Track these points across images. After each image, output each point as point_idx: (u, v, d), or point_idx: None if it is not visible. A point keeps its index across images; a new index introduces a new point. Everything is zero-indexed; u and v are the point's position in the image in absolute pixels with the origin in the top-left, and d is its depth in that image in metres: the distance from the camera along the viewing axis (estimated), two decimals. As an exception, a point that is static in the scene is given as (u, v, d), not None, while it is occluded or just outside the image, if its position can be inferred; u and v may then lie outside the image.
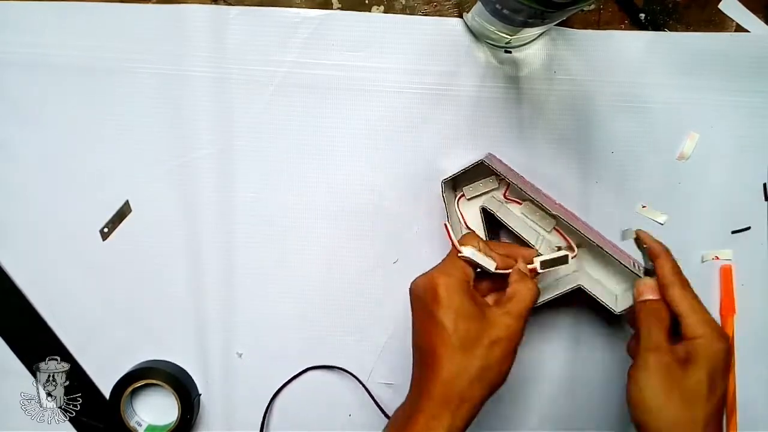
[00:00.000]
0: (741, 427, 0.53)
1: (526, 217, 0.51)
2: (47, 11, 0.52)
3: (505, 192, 0.51)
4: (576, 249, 0.48)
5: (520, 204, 0.51)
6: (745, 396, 0.53)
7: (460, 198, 0.51)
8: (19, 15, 0.52)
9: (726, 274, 0.53)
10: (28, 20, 0.52)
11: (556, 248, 0.49)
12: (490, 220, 0.50)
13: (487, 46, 0.52)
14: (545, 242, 0.50)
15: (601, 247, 0.47)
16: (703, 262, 0.53)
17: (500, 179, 0.50)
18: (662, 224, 0.53)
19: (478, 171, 0.50)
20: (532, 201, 0.49)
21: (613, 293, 0.50)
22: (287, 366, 0.54)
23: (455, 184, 0.51)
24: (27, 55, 0.52)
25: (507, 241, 0.53)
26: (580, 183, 0.53)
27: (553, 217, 0.50)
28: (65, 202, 0.53)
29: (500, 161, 0.51)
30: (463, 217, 0.51)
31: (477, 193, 0.51)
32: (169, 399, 0.53)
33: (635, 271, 0.47)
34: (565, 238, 0.50)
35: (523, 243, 0.49)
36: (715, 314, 0.53)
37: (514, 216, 0.50)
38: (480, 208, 0.49)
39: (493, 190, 0.51)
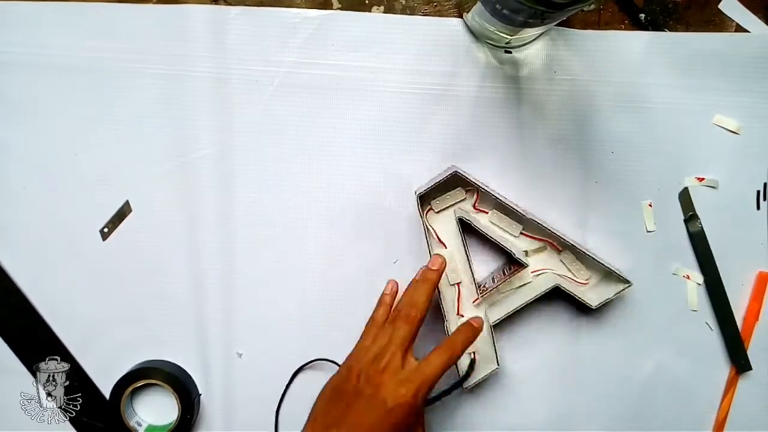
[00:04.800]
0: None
1: (495, 225, 0.52)
2: (47, 11, 0.52)
3: (475, 202, 0.52)
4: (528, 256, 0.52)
5: (487, 213, 0.52)
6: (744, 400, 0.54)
7: (428, 211, 0.52)
8: (19, 15, 0.52)
9: (762, 280, 0.53)
10: (28, 20, 0.52)
11: (523, 252, 0.52)
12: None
13: (487, 46, 0.52)
14: (514, 247, 0.51)
15: (576, 246, 0.50)
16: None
17: (467, 190, 0.52)
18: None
19: (446, 184, 0.51)
20: (504, 207, 0.51)
21: (583, 289, 0.52)
22: (287, 366, 0.54)
23: (424, 198, 0.51)
24: (27, 55, 0.52)
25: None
26: (580, 183, 0.53)
27: (520, 222, 0.52)
28: (65, 202, 0.53)
29: (466, 173, 0.51)
30: (435, 231, 0.52)
31: (445, 206, 0.52)
32: (169, 399, 0.53)
33: (608, 267, 0.50)
34: (535, 238, 0.52)
35: (495, 249, 0.53)
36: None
37: (484, 225, 0.51)
38: (457, 218, 0.50)
39: (460, 201, 0.52)
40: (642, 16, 0.52)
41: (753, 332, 0.53)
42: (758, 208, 0.53)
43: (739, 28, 0.52)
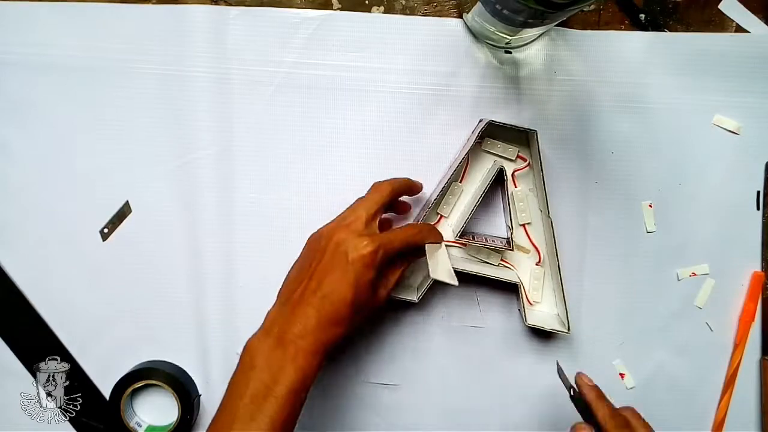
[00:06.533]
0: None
1: (516, 199, 0.52)
2: (47, 11, 0.52)
3: (516, 171, 0.52)
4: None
5: (516, 187, 0.52)
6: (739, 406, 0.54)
7: (476, 144, 0.51)
8: (19, 15, 0.52)
9: (756, 280, 0.53)
10: (28, 20, 0.52)
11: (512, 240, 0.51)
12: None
13: (487, 47, 0.52)
14: (513, 232, 0.52)
15: (557, 276, 0.51)
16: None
17: (519, 156, 0.52)
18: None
19: (507, 135, 0.52)
20: (532, 198, 0.51)
21: (529, 306, 0.53)
22: (287, 366, 0.54)
23: (484, 132, 0.51)
24: (27, 55, 0.52)
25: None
26: (580, 183, 0.53)
27: (530, 219, 0.52)
28: (65, 202, 0.53)
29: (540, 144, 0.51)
30: (468, 161, 0.52)
31: (493, 151, 0.52)
32: (169, 399, 0.53)
33: (560, 310, 0.51)
34: (530, 239, 0.53)
35: (494, 217, 0.54)
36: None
37: (508, 192, 0.51)
38: (498, 168, 0.50)
39: (505, 159, 0.52)
40: (642, 16, 0.52)
41: (749, 332, 0.53)
42: (758, 208, 0.53)
43: (739, 28, 0.52)
